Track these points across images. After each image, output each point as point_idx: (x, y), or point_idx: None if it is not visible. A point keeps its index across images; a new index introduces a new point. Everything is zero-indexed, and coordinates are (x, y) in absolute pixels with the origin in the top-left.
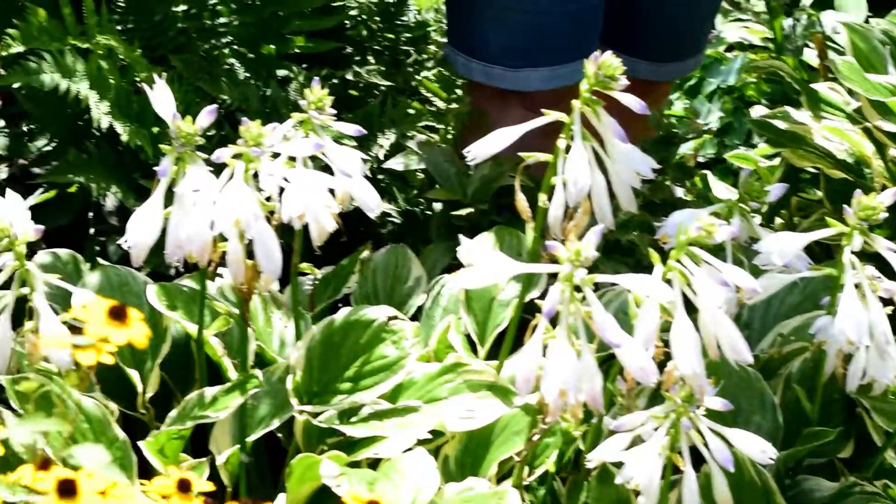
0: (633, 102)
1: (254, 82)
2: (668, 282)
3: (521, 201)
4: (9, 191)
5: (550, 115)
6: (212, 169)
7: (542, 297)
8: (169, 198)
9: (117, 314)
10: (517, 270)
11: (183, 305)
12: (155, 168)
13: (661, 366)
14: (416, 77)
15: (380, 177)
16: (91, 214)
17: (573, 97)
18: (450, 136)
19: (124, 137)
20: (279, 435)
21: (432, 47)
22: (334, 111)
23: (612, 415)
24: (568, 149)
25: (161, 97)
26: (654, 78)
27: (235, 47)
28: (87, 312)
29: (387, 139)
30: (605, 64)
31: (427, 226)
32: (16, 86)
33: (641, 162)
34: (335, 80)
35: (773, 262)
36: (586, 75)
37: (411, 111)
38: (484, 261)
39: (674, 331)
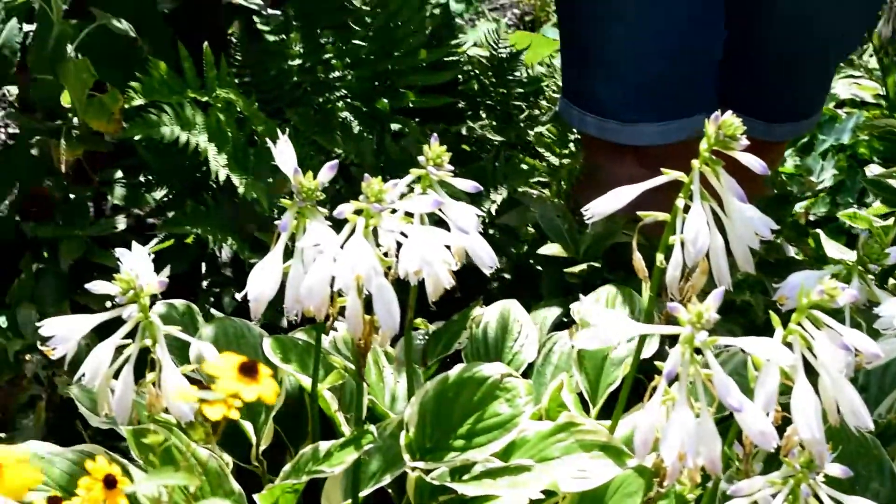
0: (755, 163)
1: (368, 136)
2: (788, 345)
3: (639, 260)
4: (134, 243)
5: (670, 174)
6: (331, 224)
7: (656, 356)
8: (287, 251)
9: (248, 370)
10: (637, 331)
11: (297, 358)
12: (271, 220)
13: (779, 430)
14: (529, 132)
15: (491, 231)
16: (205, 265)
17: (687, 151)
18: (562, 191)
19: (241, 190)
20: (390, 491)
21: (545, 102)
22: (451, 167)
23: (728, 479)
24: (686, 208)
25: (284, 152)
26: (770, 138)
27: (349, 101)
28: (217, 367)
29: (499, 194)
30: (726, 124)
31: (538, 282)
32: (136, 138)
33: (761, 222)
34: (448, 135)
35: (894, 326)
36: (706, 135)
37: (524, 166)
38: (602, 320)
39: (795, 395)
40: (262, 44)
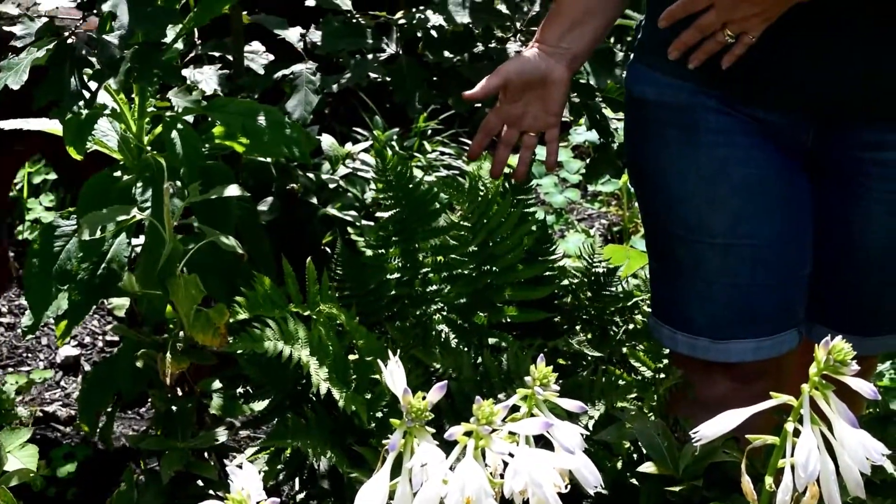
0: (866, 388)
1: (465, 350)
2: None
3: (748, 483)
4: (245, 462)
5: (780, 398)
6: (438, 443)
7: None
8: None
9: None
10: None
11: None
12: (370, 434)
13: None
14: (624, 346)
15: (587, 446)
16: (300, 476)
17: (777, 367)
18: (653, 404)
19: (341, 403)
20: None
21: (640, 316)
22: (557, 388)
23: None
24: (796, 432)
25: (393, 373)
26: (859, 353)
27: (446, 314)
28: None
29: (597, 410)
30: (836, 349)
31: (634, 496)
32: (238, 351)
33: (872, 448)
34: (545, 350)
35: None
36: (816, 359)
37: (621, 382)
38: None
39: None
40: (361, 257)
